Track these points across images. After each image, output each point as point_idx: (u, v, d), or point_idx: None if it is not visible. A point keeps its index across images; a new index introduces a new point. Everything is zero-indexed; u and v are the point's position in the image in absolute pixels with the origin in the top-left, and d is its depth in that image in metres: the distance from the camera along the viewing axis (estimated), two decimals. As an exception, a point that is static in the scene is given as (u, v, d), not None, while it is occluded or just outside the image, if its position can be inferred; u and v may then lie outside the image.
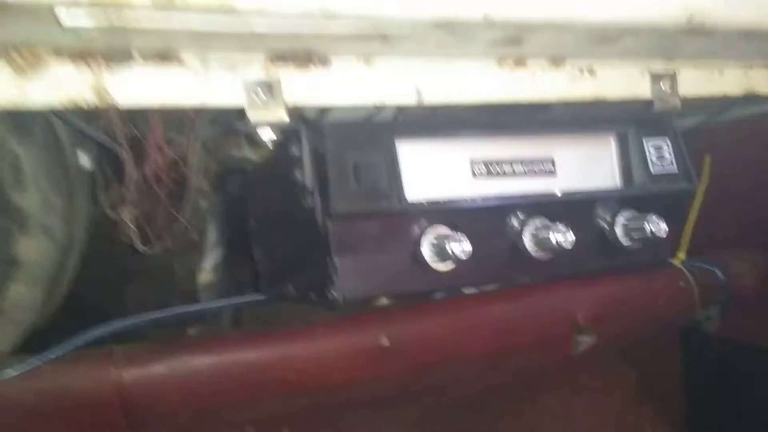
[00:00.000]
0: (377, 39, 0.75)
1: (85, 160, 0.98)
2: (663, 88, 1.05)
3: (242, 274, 1.40)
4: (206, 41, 0.68)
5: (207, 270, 1.53)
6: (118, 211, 1.01)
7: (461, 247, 0.80)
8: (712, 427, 1.80)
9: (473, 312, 1.42)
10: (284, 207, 0.88)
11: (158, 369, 1.12)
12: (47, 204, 0.86)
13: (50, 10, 0.57)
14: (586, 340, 1.64)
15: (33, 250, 0.84)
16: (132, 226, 1.02)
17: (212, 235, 1.53)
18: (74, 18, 0.57)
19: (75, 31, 0.60)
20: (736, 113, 1.22)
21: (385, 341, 1.35)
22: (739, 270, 1.77)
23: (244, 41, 0.70)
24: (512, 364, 1.58)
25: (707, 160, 1.67)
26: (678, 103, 1.08)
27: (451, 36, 0.79)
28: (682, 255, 1.76)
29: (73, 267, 0.99)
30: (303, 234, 0.84)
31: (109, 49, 0.66)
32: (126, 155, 0.93)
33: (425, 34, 0.77)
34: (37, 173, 0.85)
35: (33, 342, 1.03)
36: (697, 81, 1.10)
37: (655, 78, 1.05)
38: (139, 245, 1.05)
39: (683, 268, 1.72)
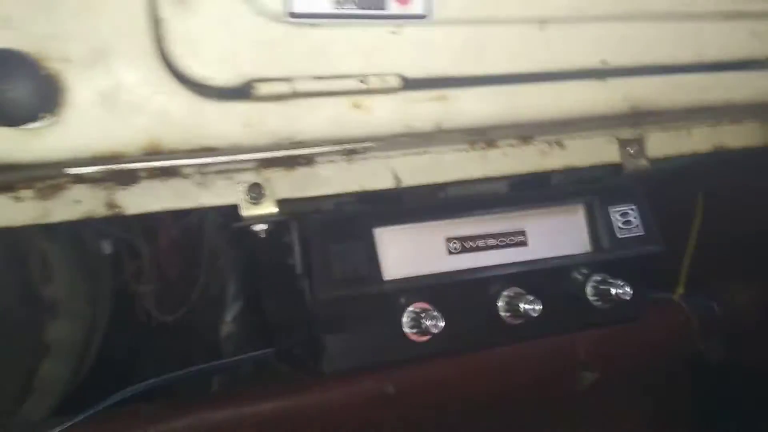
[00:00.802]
0: (347, 152, 0.86)
1: (106, 245, 1.10)
2: (631, 152, 1.13)
3: (262, 324, 1.51)
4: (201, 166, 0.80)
5: (228, 322, 1.65)
6: (138, 288, 1.14)
7: (435, 322, 0.90)
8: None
9: (476, 356, 1.51)
10: (282, 282, 0.99)
11: (179, 425, 1.23)
12: (73, 290, 0.98)
13: (59, 167, 0.69)
14: (589, 376, 1.71)
15: (61, 332, 0.97)
16: (149, 299, 1.15)
17: (231, 288, 1.65)
18: (78, 169, 0.69)
19: (81, 177, 0.72)
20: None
21: (390, 388, 1.44)
22: (738, 302, 1.82)
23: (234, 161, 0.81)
24: (518, 402, 1.65)
25: (700, 196, 1.73)
26: (646, 164, 1.16)
27: (417, 139, 0.89)
28: (680, 289, 1.82)
29: (99, 340, 1.11)
30: (296, 310, 0.95)
31: (119, 174, 0.78)
32: (141, 242, 1.05)
33: (390, 143, 0.87)
34: (63, 265, 0.98)
35: (69, 403, 1.15)
36: (666, 142, 1.18)
37: (623, 143, 1.13)
38: (157, 314, 1.17)
39: (682, 303, 1.78)
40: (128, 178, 0.81)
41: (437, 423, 1.55)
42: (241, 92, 0.72)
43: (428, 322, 0.90)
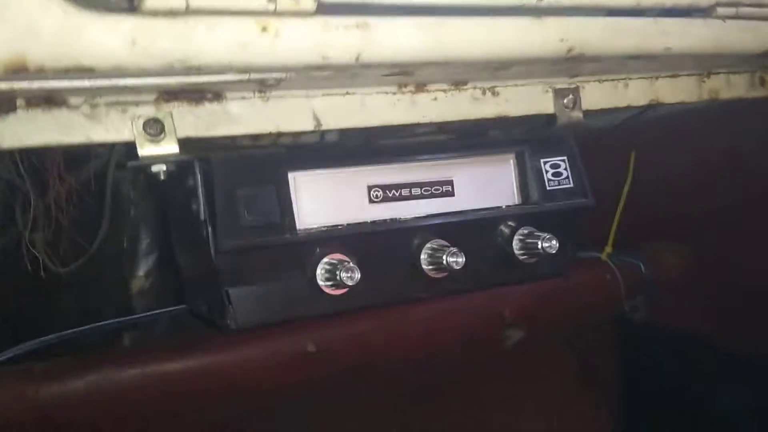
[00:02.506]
0: (258, 83, 0.77)
1: (-7, 191, 0.99)
2: (566, 103, 1.08)
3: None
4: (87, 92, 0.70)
5: (140, 276, 1.55)
6: (28, 236, 1.03)
7: (351, 273, 0.83)
8: (649, 409, 1.87)
9: (399, 314, 1.46)
10: (188, 230, 0.90)
11: (77, 384, 1.14)
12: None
13: None
14: (514, 335, 1.70)
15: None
16: (40, 248, 1.04)
17: (144, 241, 1.54)
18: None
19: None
20: (663, 110, 1.26)
21: (311, 346, 1.38)
22: (664, 261, 1.84)
23: (126, 90, 0.72)
24: (445, 361, 1.63)
25: (632, 155, 1.72)
26: (581, 116, 1.11)
27: (337, 74, 0.81)
28: (609, 249, 1.82)
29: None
30: (202, 261, 0.86)
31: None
32: (29, 187, 0.94)
33: (308, 78, 0.79)
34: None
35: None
36: (602, 94, 1.13)
37: (558, 93, 1.08)
38: (50, 265, 1.07)
39: (609, 262, 1.79)
40: (2, 106, 0.70)
41: (360, 383, 1.51)
42: (128, 4, 0.62)
43: (344, 275, 0.83)
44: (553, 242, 0.97)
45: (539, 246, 0.97)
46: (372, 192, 0.92)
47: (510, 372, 1.83)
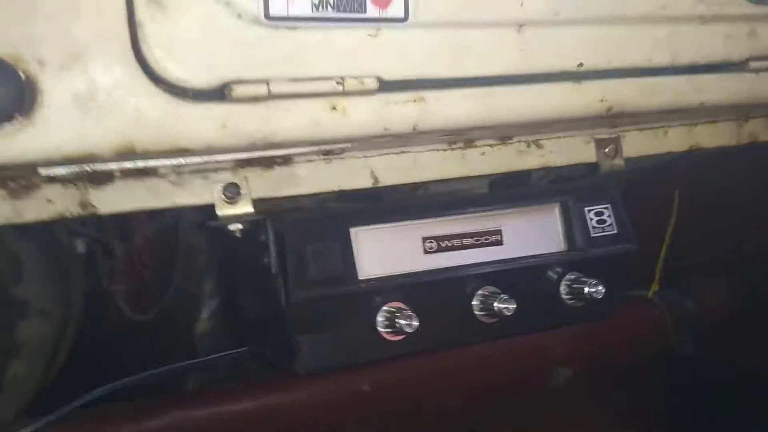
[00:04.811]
0: (325, 152, 0.85)
1: (79, 244, 1.09)
2: (607, 152, 1.14)
3: (239, 322, 1.50)
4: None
5: (204, 319, 1.64)
6: (111, 287, 1.13)
7: (409, 321, 0.90)
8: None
9: (451, 354, 1.52)
10: (258, 281, 0.99)
11: (154, 424, 1.23)
12: (44, 290, 0.97)
13: (32, 168, 0.68)
14: (564, 372, 1.73)
15: (32, 332, 0.96)
16: (122, 298, 1.14)
17: (208, 286, 1.64)
18: (51, 170, 0.68)
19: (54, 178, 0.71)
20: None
21: (366, 386, 1.45)
22: (712, 296, 1.85)
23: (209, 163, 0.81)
24: (496, 398, 1.67)
25: (676, 194, 1.76)
26: (622, 164, 1.17)
27: (395, 140, 0.89)
28: (655, 286, 1.85)
29: (71, 339, 1.10)
30: (271, 310, 0.95)
31: (93, 174, 0.77)
32: (115, 241, 1.04)
33: (368, 143, 0.87)
34: (35, 264, 0.96)
35: (41, 403, 1.14)
36: (642, 142, 1.19)
37: (600, 143, 1.14)
38: (130, 313, 1.16)
39: (656, 299, 1.81)
40: (102, 178, 0.80)
41: (414, 420, 1.56)
42: (218, 94, 0.71)
43: (402, 322, 0.90)
44: (599, 287, 1.02)
45: (585, 291, 1.03)
46: (426, 243, 1.00)
47: (559, 409, 1.85)
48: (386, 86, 0.79)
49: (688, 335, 1.86)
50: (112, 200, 0.84)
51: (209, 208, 0.90)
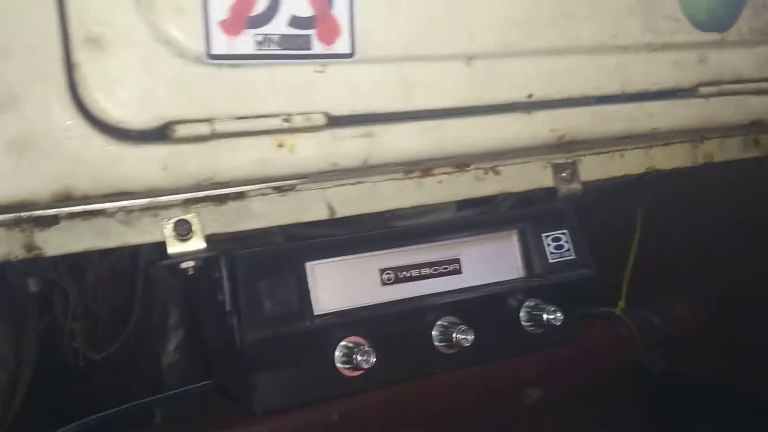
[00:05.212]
0: (276, 189, 0.85)
1: (32, 284, 1.07)
2: (564, 177, 1.15)
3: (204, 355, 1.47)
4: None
5: (170, 351, 1.61)
6: (67, 326, 1.10)
7: (366, 357, 0.89)
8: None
9: (420, 381, 1.51)
10: (214, 317, 0.97)
11: (116, 465, 1.19)
12: (-6, 334, 0.95)
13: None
14: (534, 393, 1.73)
15: (-17, 376, 0.93)
16: (78, 337, 1.11)
17: (173, 317, 1.61)
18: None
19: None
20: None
21: (334, 416, 1.43)
22: (678, 312, 1.87)
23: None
24: (467, 422, 1.66)
25: (639, 211, 1.77)
26: (579, 188, 1.17)
27: (347, 172, 0.89)
28: (622, 303, 1.86)
29: (26, 382, 1.07)
30: (227, 348, 0.93)
31: (37, 218, 0.75)
32: (68, 279, 1.02)
33: (321, 176, 0.87)
34: (-16, 307, 0.94)
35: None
36: (599, 166, 1.19)
37: (557, 168, 1.15)
38: (87, 352, 1.14)
39: (623, 316, 1.82)
40: (47, 221, 0.78)
41: (383, 447, 1.54)
42: (159, 135, 0.70)
43: (360, 357, 0.89)
44: (558, 314, 1.03)
45: (544, 318, 1.03)
46: (384, 275, 0.99)
47: (531, 428, 1.84)
48: (334, 122, 0.78)
49: (656, 351, 1.87)
50: (58, 242, 0.82)
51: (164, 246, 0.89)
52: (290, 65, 0.76)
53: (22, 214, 0.67)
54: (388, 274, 0.99)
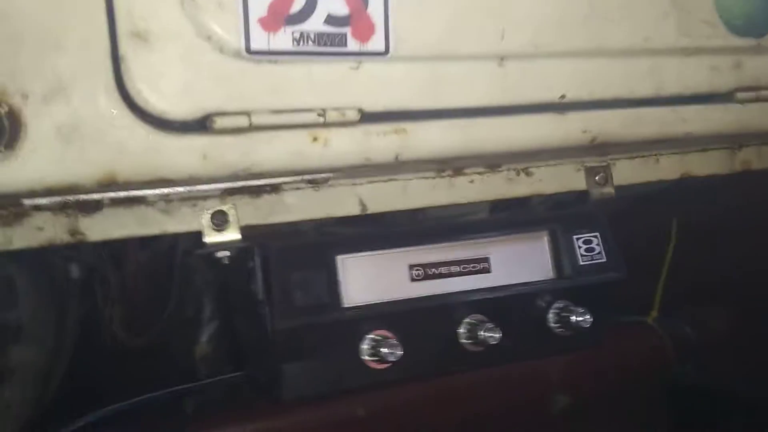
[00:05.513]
0: (310, 182, 0.87)
1: (74, 270, 1.11)
2: (597, 180, 1.15)
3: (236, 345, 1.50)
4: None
5: (203, 342, 1.65)
6: (106, 312, 1.14)
7: (393, 350, 0.91)
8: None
9: (447, 381, 1.52)
10: (247, 307, 1.00)
11: (147, 450, 1.23)
12: (38, 316, 0.99)
13: (16, 199, 0.70)
14: (561, 400, 1.72)
15: (24, 357, 0.97)
16: (117, 323, 1.15)
17: (207, 309, 1.65)
18: (34, 201, 0.70)
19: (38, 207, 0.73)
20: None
21: (360, 411, 1.45)
22: (712, 323, 1.84)
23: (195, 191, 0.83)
24: (493, 426, 1.66)
25: (674, 221, 1.76)
26: (612, 192, 1.17)
27: (379, 168, 0.91)
28: (654, 313, 1.84)
29: (65, 365, 1.12)
30: (258, 336, 0.96)
31: (80, 203, 0.79)
32: (109, 266, 1.06)
33: (355, 171, 0.89)
34: (29, 290, 0.98)
35: (35, 429, 1.15)
36: (633, 170, 1.19)
37: (589, 171, 1.15)
38: (125, 338, 1.18)
39: (655, 326, 1.80)
40: (91, 206, 0.82)
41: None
42: (200, 126, 0.73)
43: (386, 350, 0.91)
44: (587, 317, 1.03)
45: (573, 320, 1.03)
46: (413, 271, 1.01)
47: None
48: (367, 117, 0.80)
49: (689, 363, 1.84)
50: (101, 228, 0.86)
51: (201, 236, 0.92)
52: (326, 62, 0.78)
53: (69, 197, 0.71)
54: (417, 270, 1.01)
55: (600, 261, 1.10)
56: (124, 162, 0.71)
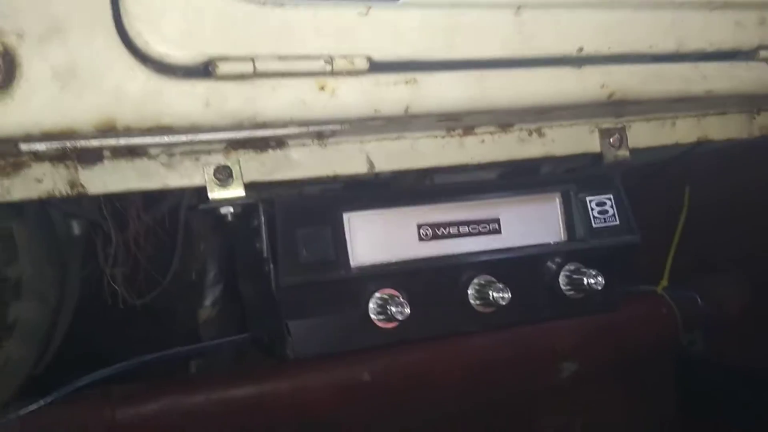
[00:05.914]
0: (317, 133, 0.84)
1: (75, 227, 1.09)
2: (612, 142, 1.12)
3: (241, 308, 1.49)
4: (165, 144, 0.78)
5: (207, 306, 1.64)
6: (108, 270, 1.12)
7: (401, 309, 0.89)
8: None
9: (454, 345, 1.50)
10: (252, 265, 0.98)
11: (151, 408, 1.22)
12: (39, 271, 0.97)
13: (14, 143, 0.67)
14: (568, 367, 1.71)
15: (26, 313, 0.96)
16: (119, 282, 1.13)
17: (211, 272, 1.64)
18: (32, 146, 0.68)
19: (36, 153, 0.70)
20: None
21: (367, 376, 1.44)
22: (722, 294, 1.82)
23: (199, 142, 0.80)
24: (499, 391, 1.65)
25: (687, 189, 1.72)
26: (627, 155, 1.14)
27: (389, 123, 0.88)
28: (664, 282, 1.81)
29: (66, 322, 1.10)
30: (264, 295, 0.94)
31: (82, 152, 0.76)
32: (110, 225, 1.04)
33: (362, 126, 0.86)
34: (30, 245, 0.96)
35: (36, 385, 1.14)
36: (649, 133, 1.16)
37: (604, 133, 1.12)
38: (127, 297, 1.16)
39: (665, 295, 1.78)
40: (91, 157, 0.79)
41: (414, 410, 1.54)
42: (202, 71, 0.70)
43: (394, 309, 0.88)
44: (599, 278, 1.00)
45: (585, 282, 1.01)
46: (421, 230, 0.98)
47: (565, 404, 1.82)
48: (377, 67, 0.77)
49: (697, 333, 1.83)
50: (101, 180, 0.84)
51: (205, 192, 0.89)
52: (333, 6, 0.75)
53: (67, 143, 0.68)
54: (425, 229, 0.98)
55: (613, 224, 1.07)
56: (123, 107, 0.68)
